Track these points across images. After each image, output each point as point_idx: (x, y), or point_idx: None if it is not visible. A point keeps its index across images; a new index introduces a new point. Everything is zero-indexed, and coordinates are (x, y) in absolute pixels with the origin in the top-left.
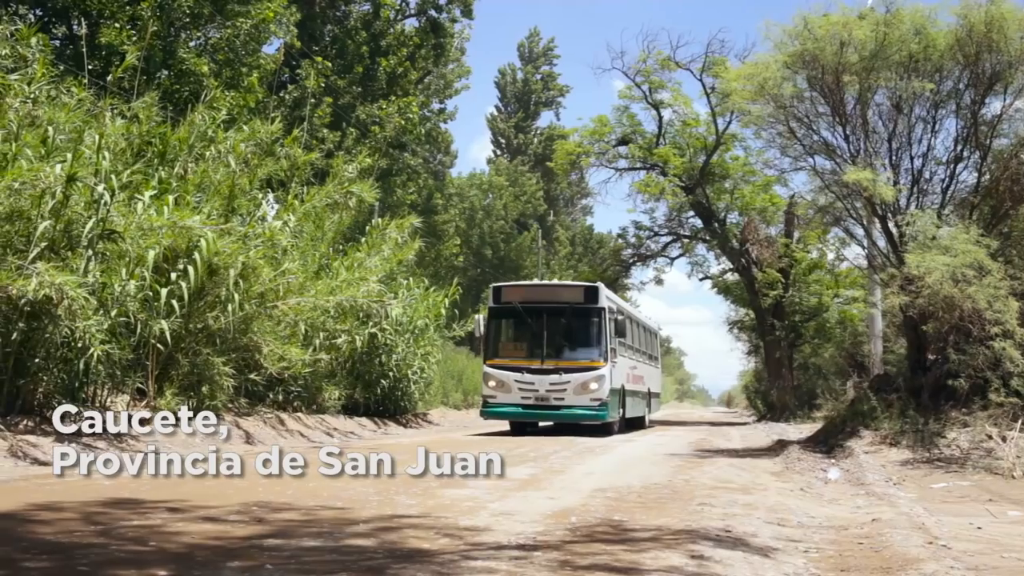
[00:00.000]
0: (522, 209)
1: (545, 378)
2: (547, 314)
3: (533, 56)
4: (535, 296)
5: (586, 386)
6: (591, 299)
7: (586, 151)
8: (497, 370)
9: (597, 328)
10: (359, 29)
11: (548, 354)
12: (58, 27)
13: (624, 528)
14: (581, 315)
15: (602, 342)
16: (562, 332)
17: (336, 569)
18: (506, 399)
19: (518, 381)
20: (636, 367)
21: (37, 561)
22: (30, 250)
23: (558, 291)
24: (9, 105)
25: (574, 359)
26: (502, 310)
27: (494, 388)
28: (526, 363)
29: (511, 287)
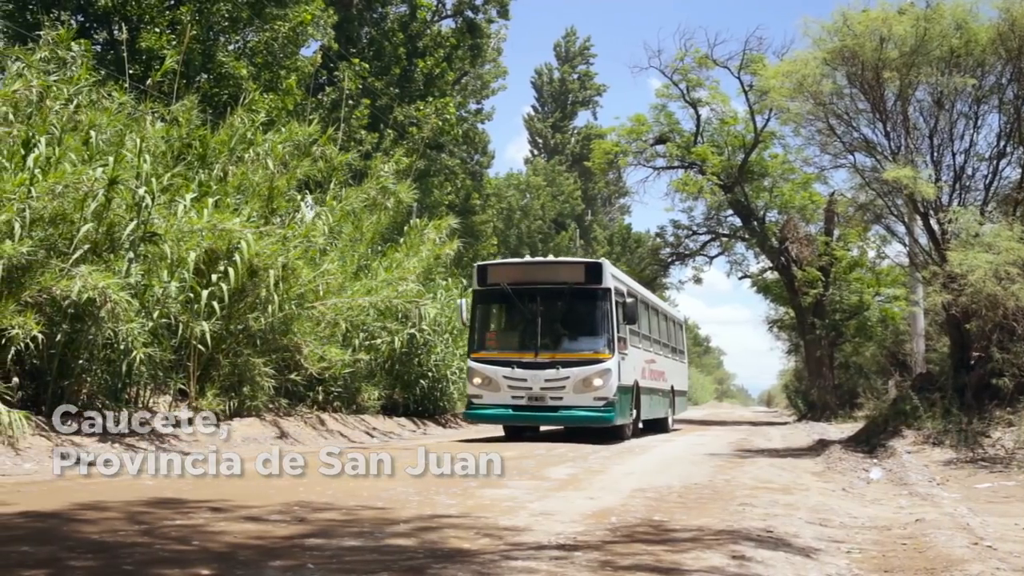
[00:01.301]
0: (560, 209)
1: (540, 373)
2: (541, 297)
3: (570, 56)
4: (527, 276)
5: (589, 382)
6: (594, 278)
7: (623, 150)
8: (483, 364)
9: (602, 313)
10: (396, 31)
11: (543, 345)
12: (99, 32)
13: (665, 528)
14: (582, 297)
15: (608, 329)
16: (560, 318)
17: (377, 569)
18: (493, 399)
19: (508, 377)
20: (655, 361)
21: (82, 560)
22: (73, 253)
23: (554, 269)
24: (50, 108)
25: (574, 350)
26: (488, 293)
27: (480, 386)
28: (517, 356)
29: (498, 266)
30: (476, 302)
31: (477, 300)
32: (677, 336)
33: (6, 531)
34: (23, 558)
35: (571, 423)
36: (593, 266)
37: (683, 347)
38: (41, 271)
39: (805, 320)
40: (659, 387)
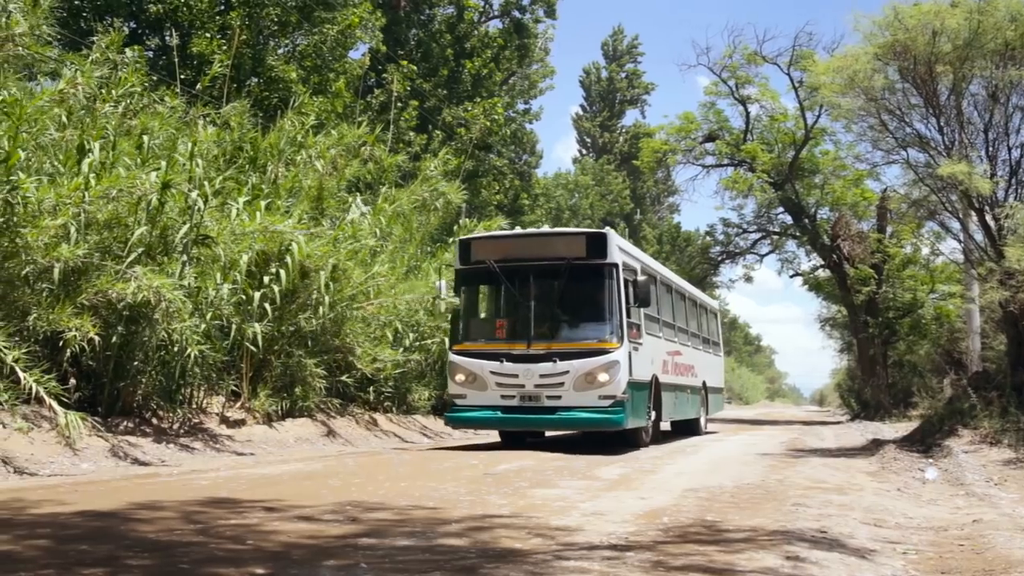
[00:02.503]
0: (608, 208)
1: (533, 367)
2: (535, 276)
3: (617, 54)
4: (518, 251)
5: (592, 377)
6: (597, 251)
7: (672, 148)
8: (466, 358)
9: (607, 293)
10: (443, 32)
11: (538, 334)
12: (151, 38)
13: (717, 528)
14: (583, 275)
15: (615, 313)
16: (557, 301)
17: (429, 568)
18: (479, 399)
19: (496, 373)
20: (681, 352)
21: (140, 559)
22: (128, 256)
23: (550, 242)
24: (99, 111)
25: (575, 339)
26: (472, 273)
27: (463, 384)
28: (507, 347)
29: (484, 240)
30: (458, 284)
31: (460, 281)
32: (710, 325)
33: (65, 530)
34: (82, 556)
35: (572, 427)
36: (595, 237)
37: (718, 338)
38: (97, 274)
39: (858, 318)
40: (686, 383)
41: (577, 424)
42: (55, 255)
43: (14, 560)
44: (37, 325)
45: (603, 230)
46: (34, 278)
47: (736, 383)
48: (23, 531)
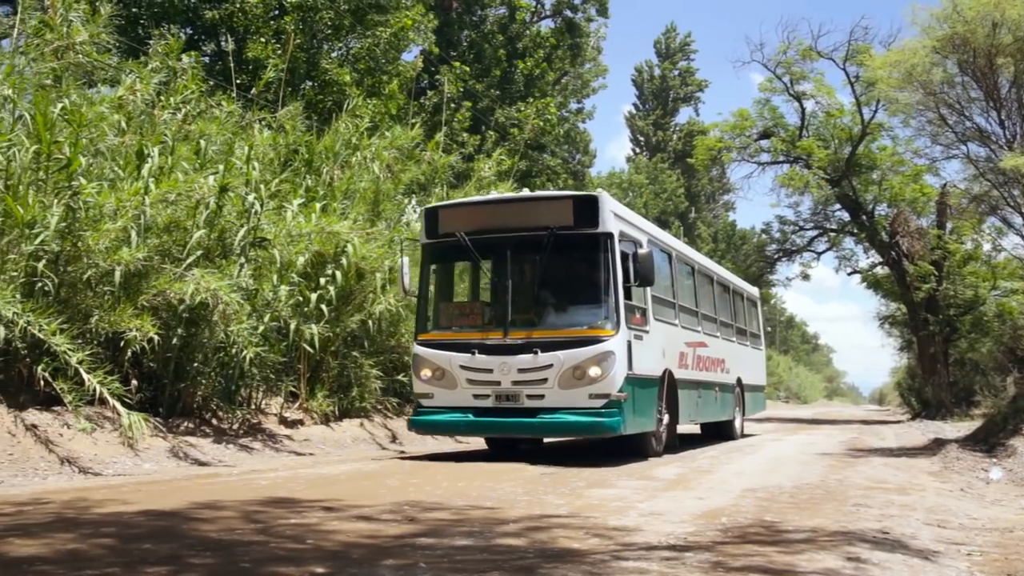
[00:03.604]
0: (663, 207)
1: (511, 360)
2: (513, 249)
3: (670, 52)
4: (493, 220)
5: (580, 371)
6: (586, 218)
7: (727, 146)
8: (433, 350)
9: (600, 269)
10: (495, 33)
11: (516, 319)
12: (207, 44)
13: (777, 529)
14: (571, 248)
15: (609, 294)
16: (539, 279)
17: (488, 568)
18: (447, 399)
19: (466, 368)
20: (706, 344)
21: (202, 557)
22: (186, 258)
23: (531, 209)
24: (159, 116)
25: (560, 325)
26: (441, 248)
27: (429, 381)
28: (479, 336)
29: (453, 208)
30: (425, 261)
31: (426, 258)
32: (747, 314)
33: (129, 529)
34: (146, 555)
35: (556, 433)
36: (584, 201)
37: (758, 329)
38: (156, 276)
39: (918, 316)
40: (714, 380)
41: (562, 429)
42: (116, 258)
43: (81, 559)
44: (99, 326)
45: (594, 192)
46: (96, 281)
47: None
48: (88, 530)
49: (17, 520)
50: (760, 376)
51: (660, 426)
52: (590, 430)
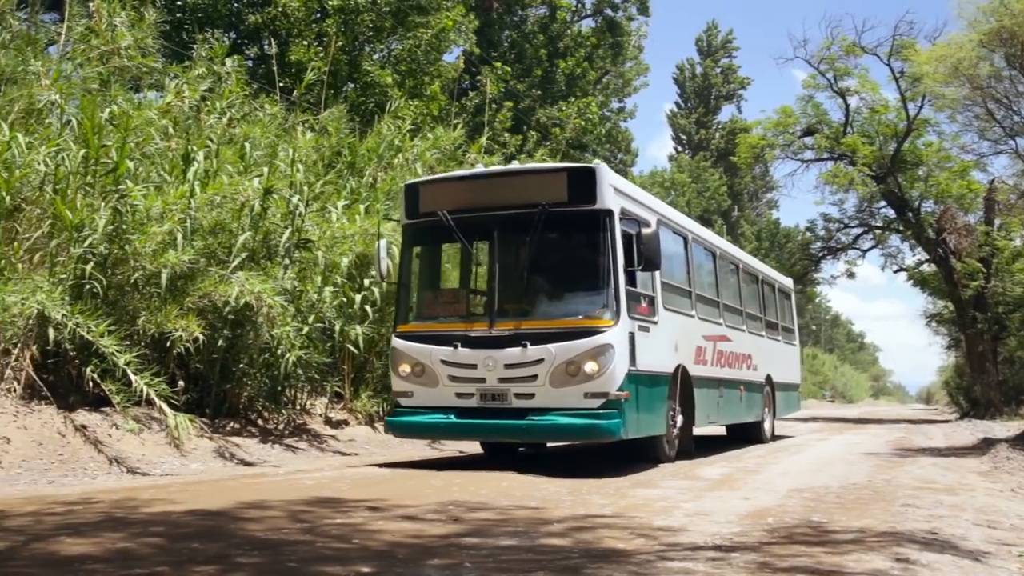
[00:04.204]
0: (705, 205)
1: (497, 355)
2: (500, 230)
3: (712, 50)
4: (479, 197)
5: (575, 367)
6: (583, 193)
7: (770, 143)
8: (412, 343)
9: (598, 251)
10: (536, 33)
11: (503, 308)
12: (250, 48)
13: (824, 529)
14: (565, 227)
15: (608, 279)
16: (529, 263)
17: (533, 568)
18: (428, 398)
19: (448, 363)
20: (729, 338)
21: (249, 557)
22: (232, 260)
23: (521, 184)
24: (205, 121)
25: (552, 315)
26: (422, 229)
27: (408, 378)
28: (463, 327)
29: (436, 184)
30: (406, 244)
31: (407, 240)
32: (779, 306)
33: (177, 528)
34: (194, 554)
35: (547, 436)
36: (580, 174)
37: (791, 323)
38: (202, 278)
39: (966, 314)
40: (738, 377)
41: (553, 433)
42: (162, 261)
43: (130, 557)
44: (146, 328)
45: (590, 165)
46: (143, 283)
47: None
48: (137, 529)
49: (68, 519)
50: (793, 373)
51: (672, 429)
52: (585, 434)
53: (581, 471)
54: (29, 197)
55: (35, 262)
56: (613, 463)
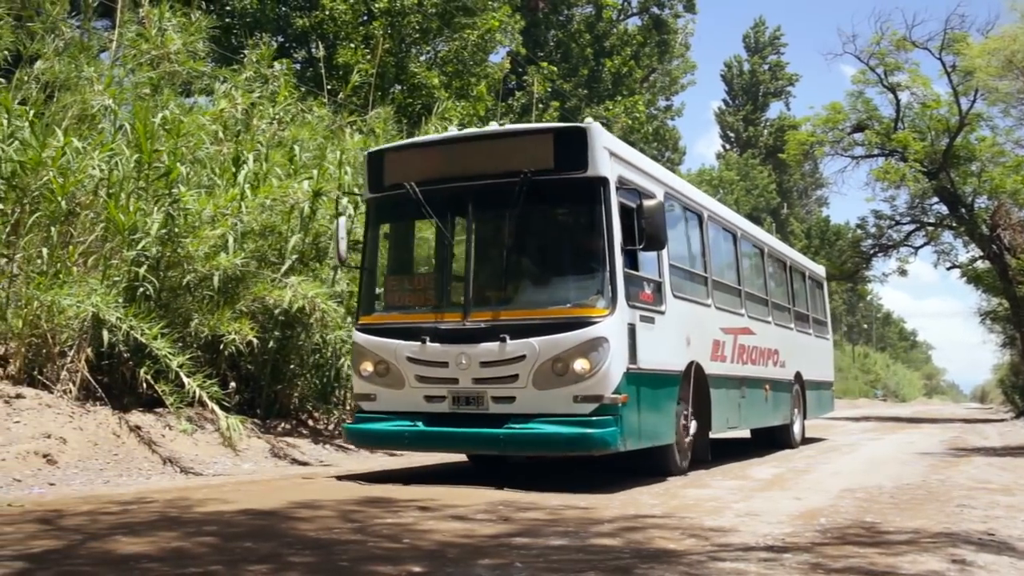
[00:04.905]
0: (754, 203)
1: (471, 350)
2: (476, 203)
3: (759, 46)
4: (452, 165)
5: (562, 364)
6: (572, 159)
7: (819, 140)
8: (375, 338)
9: (589, 227)
10: (582, 32)
11: (479, 296)
12: (298, 51)
13: (877, 530)
14: (551, 199)
15: (603, 260)
16: (509, 241)
17: (584, 568)
18: (393, 401)
19: (415, 360)
20: (752, 331)
21: (301, 556)
22: (283, 263)
23: (499, 148)
24: (256, 127)
25: (536, 303)
26: (388, 204)
27: (371, 378)
28: (433, 318)
29: (402, 151)
30: (369, 221)
31: (371, 218)
32: (810, 296)
33: (230, 528)
34: (247, 553)
35: (528, 447)
36: (568, 136)
37: (823, 315)
38: (254, 280)
39: (1021, 311)
40: (763, 375)
41: (536, 444)
42: (214, 264)
43: (184, 556)
44: (198, 331)
45: (580, 124)
46: (195, 286)
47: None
48: (191, 528)
49: (123, 519)
50: (826, 371)
51: (684, 435)
52: (574, 445)
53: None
54: (83, 201)
55: (89, 265)
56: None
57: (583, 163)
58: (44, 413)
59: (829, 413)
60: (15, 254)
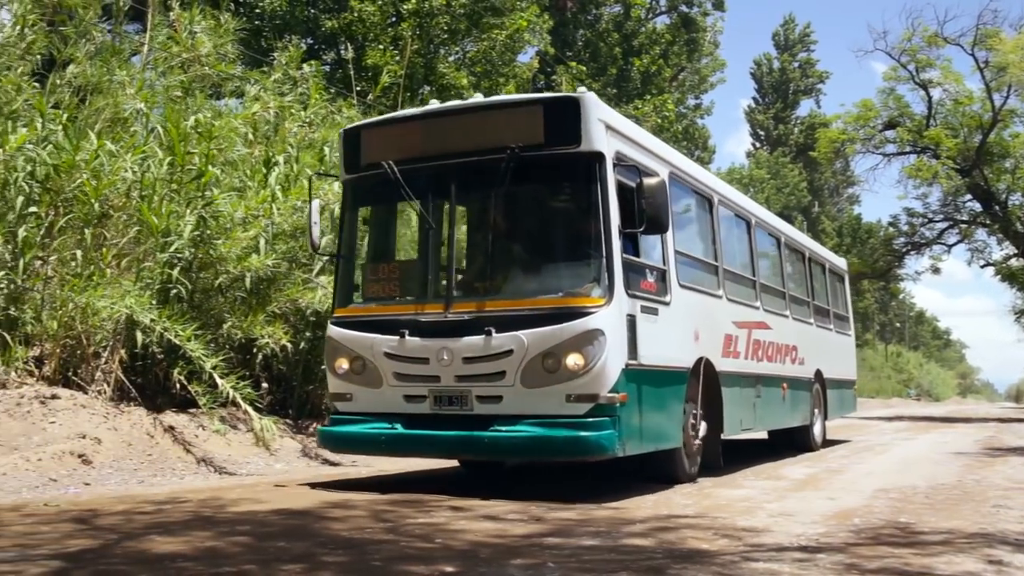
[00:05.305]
0: (785, 202)
1: (454, 345)
2: (459, 183)
3: (789, 44)
4: (433, 142)
5: (553, 360)
6: (563, 132)
7: (851, 138)
8: (351, 331)
9: (584, 207)
10: (611, 31)
11: (462, 285)
12: (327, 52)
13: (912, 531)
14: (540, 177)
15: (599, 244)
16: (494, 225)
17: (616, 568)
18: (370, 401)
19: (393, 356)
20: (768, 325)
21: (334, 556)
22: (314, 264)
23: (484, 122)
24: (288, 129)
25: (524, 293)
26: (365, 185)
27: (346, 376)
28: (412, 310)
29: (380, 128)
30: (345, 205)
31: (347, 201)
32: (831, 289)
33: (263, 527)
34: (280, 553)
35: (515, 452)
36: (559, 107)
37: (844, 310)
38: (285, 282)
39: None
40: (780, 373)
41: (524, 449)
42: (246, 265)
43: (218, 556)
44: (231, 333)
45: (573, 95)
46: (227, 287)
47: (924, 379)
48: (225, 528)
49: (157, 518)
50: (848, 368)
51: (693, 439)
52: (565, 449)
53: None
54: (116, 204)
55: (123, 267)
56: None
57: (576, 137)
58: (79, 413)
59: (851, 413)
60: (50, 256)
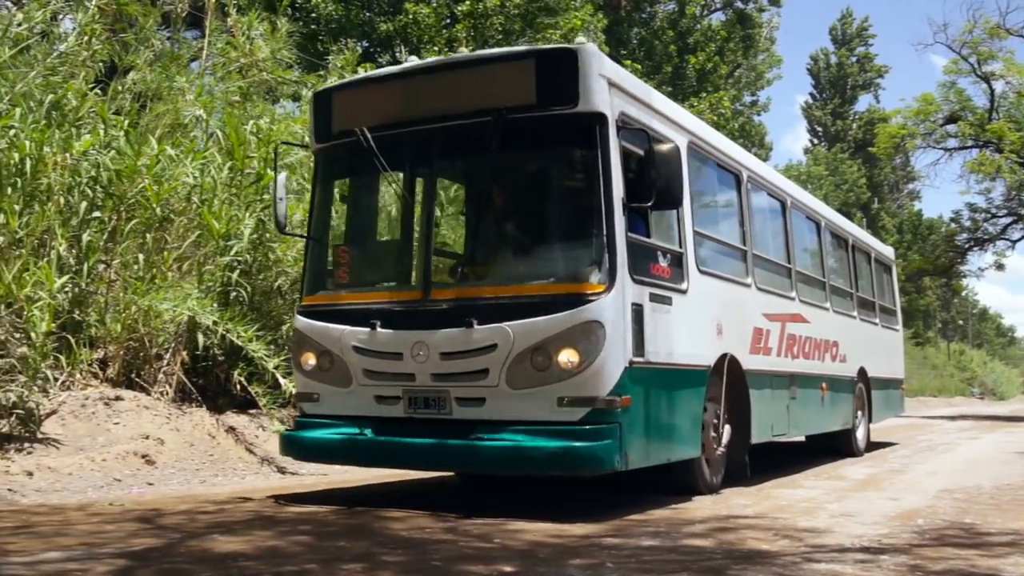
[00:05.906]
0: (843, 198)
1: (430, 338)
2: (439, 151)
3: (846, 38)
4: (412, 105)
5: (544, 356)
6: (559, 89)
7: (911, 132)
8: (319, 322)
9: (582, 178)
10: (665, 29)
11: (442, 269)
12: (382, 56)
13: (977, 531)
14: (533, 142)
15: (599, 221)
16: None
17: (676, 569)
18: (337, 403)
19: (363, 351)
20: (805, 318)
21: (394, 555)
22: None
23: (468, 80)
24: None
25: (511, 278)
26: (337, 155)
27: (313, 374)
28: (386, 297)
29: (355, 89)
30: (316, 178)
31: (318, 174)
32: (876, 280)
33: (324, 527)
34: (341, 552)
35: (498, 465)
36: (554, 60)
37: (892, 302)
38: None
39: None
40: (818, 371)
41: (511, 460)
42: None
43: (280, 555)
44: (290, 334)
45: (571, 47)
46: (285, 289)
47: (988, 378)
48: (286, 527)
49: (219, 518)
50: (895, 366)
51: (714, 447)
52: (555, 463)
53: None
54: (177, 208)
55: (184, 270)
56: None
57: (573, 95)
58: (142, 415)
59: (899, 414)
60: (113, 260)
